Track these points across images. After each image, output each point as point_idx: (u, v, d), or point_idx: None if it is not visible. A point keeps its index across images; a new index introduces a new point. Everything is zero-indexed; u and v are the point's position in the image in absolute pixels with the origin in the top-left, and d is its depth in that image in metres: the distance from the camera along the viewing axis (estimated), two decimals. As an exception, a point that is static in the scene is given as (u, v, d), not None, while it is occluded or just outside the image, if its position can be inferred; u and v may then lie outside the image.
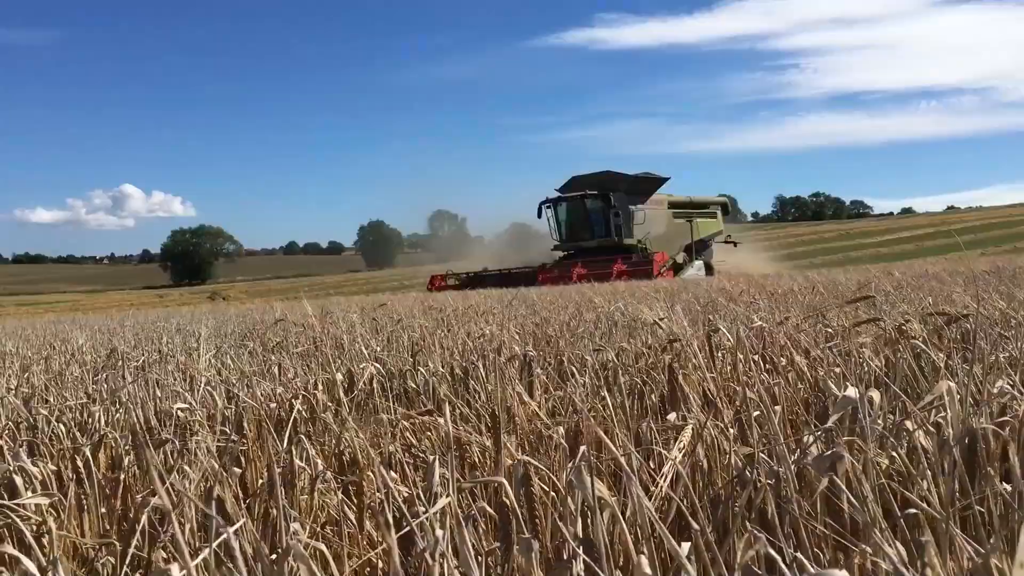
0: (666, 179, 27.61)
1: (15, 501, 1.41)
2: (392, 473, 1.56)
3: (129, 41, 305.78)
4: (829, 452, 1.11)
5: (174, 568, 0.63)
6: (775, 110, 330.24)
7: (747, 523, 1.17)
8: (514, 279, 21.20)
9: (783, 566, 0.92)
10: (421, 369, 2.72)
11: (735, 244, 31.82)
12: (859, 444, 1.25)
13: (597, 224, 25.98)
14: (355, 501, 1.66)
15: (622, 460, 0.98)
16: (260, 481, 1.93)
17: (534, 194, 27.12)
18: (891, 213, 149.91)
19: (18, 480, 1.58)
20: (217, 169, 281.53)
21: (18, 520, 1.35)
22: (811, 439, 1.34)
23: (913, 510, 1.11)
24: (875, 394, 1.39)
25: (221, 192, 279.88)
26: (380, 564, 1.52)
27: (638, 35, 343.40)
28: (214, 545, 0.74)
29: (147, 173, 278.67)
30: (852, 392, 1.19)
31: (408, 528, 1.03)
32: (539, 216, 27.01)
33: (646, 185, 27.14)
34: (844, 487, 1.12)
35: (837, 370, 2.11)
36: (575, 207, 26.51)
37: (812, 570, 0.93)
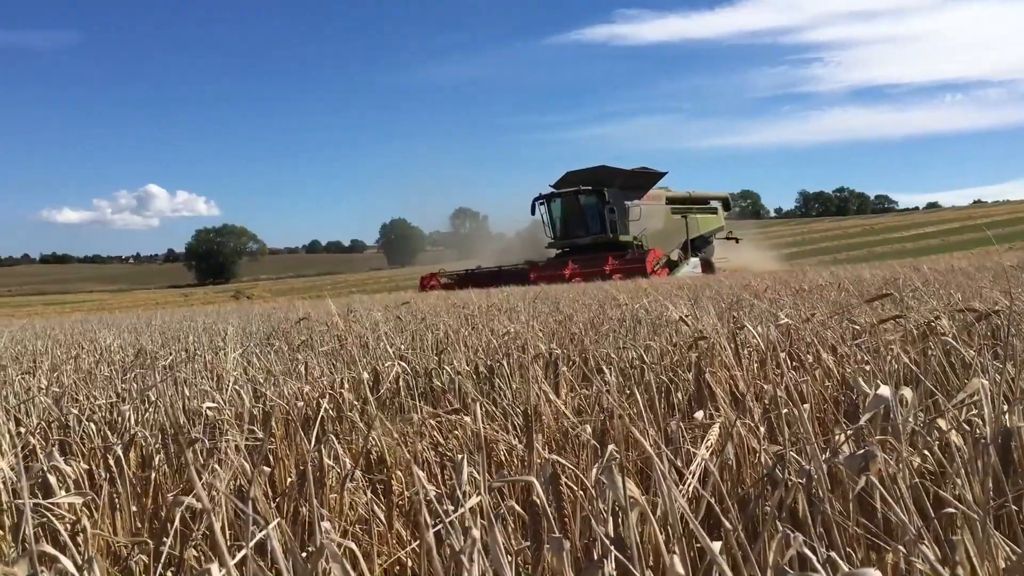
0: (663, 174, 26.65)
1: (50, 500, 1.43)
2: (420, 472, 1.56)
3: (153, 42, 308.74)
4: (862, 451, 1.10)
5: (214, 568, 0.64)
6: (798, 105, 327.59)
7: (778, 522, 1.17)
8: (505, 277, 20.72)
9: (817, 565, 0.91)
10: (446, 367, 2.73)
11: (736, 240, 30.98)
12: (891, 443, 1.23)
13: (592, 220, 25.18)
14: (383, 500, 1.67)
15: (655, 458, 0.97)
16: (289, 479, 1.95)
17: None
18: (916, 208, 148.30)
19: (52, 479, 1.60)
20: (240, 169, 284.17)
21: (54, 519, 1.37)
22: (843, 438, 1.32)
23: (948, 509, 1.10)
24: (907, 392, 1.38)
25: (244, 191, 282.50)
26: (410, 563, 1.53)
27: (658, 31, 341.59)
28: (251, 544, 0.74)
29: (171, 173, 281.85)
30: (885, 391, 1.18)
31: (438, 527, 1.03)
32: (532, 213, 26.27)
33: (642, 180, 26.23)
34: (878, 485, 1.11)
35: (866, 367, 2.09)
36: (569, 203, 25.70)
37: (846, 569, 0.92)
